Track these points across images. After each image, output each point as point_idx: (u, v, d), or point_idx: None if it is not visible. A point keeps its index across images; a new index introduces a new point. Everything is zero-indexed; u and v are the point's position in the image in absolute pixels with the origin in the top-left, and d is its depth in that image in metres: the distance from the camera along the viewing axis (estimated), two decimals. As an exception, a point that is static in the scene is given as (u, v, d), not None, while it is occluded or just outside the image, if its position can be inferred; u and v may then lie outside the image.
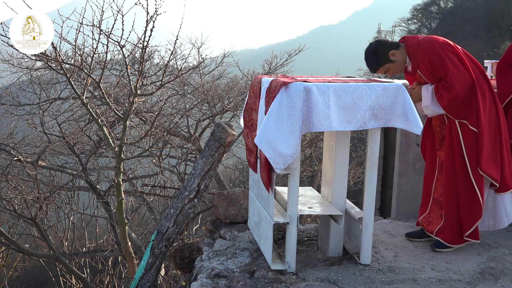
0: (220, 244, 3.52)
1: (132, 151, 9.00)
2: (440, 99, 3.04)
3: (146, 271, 3.80)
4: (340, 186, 3.19)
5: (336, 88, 2.66)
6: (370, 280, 2.81)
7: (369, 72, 27.99)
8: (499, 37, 22.37)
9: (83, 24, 5.42)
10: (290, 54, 11.08)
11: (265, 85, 2.92)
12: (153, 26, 5.32)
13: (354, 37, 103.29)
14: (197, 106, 9.55)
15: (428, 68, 3.06)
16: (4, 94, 8.92)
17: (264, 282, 2.80)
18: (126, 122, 5.58)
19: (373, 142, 2.90)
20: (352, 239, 3.24)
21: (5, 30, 4.96)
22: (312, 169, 10.19)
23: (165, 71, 6.90)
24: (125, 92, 8.46)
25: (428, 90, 3.11)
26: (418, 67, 3.12)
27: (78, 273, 8.53)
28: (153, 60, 10.16)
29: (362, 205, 3.00)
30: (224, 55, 11.15)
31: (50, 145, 8.38)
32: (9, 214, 7.75)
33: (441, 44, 3.04)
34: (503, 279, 2.82)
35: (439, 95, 3.04)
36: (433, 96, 3.07)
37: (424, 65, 3.08)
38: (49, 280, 10.94)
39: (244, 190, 3.97)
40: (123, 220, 5.95)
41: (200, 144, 9.28)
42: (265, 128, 2.65)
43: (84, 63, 5.77)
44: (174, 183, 8.69)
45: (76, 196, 9.53)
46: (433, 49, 3.04)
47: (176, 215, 3.82)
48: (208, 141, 3.91)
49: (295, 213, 2.83)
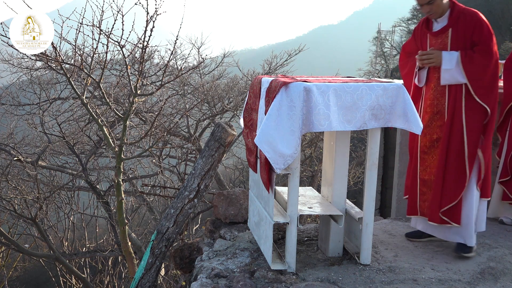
0: (220, 244, 3.52)
1: (132, 151, 9.00)
2: (470, 62, 2.98)
3: (146, 271, 3.80)
4: (340, 186, 3.19)
5: (336, 88, 2.66)
6: (370, 280, 2.81)
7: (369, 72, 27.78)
8: (499, 37, 22.40)
9: (83, 24, 5.42)
10: (290, 54, 11.07)
11: (265, 85, 2.92)
12: (153, 26, 5.32)
13: (354, 37, 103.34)
14: (197, 106, 9.55)
15: (467, 30, 3.01)
16: (4, 94, 8.92)
17: (264, 282, 2.80)
18: (126, 122, 5.58)
19: (373, 142, 2.90)
20: (352, 239, 3.24)
21: (5, 30, 4.96)
22: (312, 169, 10.18)
23: (165, 71, 6.90)
24: (125, 92, 8.45)
25: (451, 54, 3.05)
26: (453, 26, 3.06)
27: (78, 273, 8.53)
28: (153, 60, 10.16)
29: (362, 205, 3.00)
30: (224, 55, 11.15)
31: (50, 145, 8.38)
32: (9, 214, 7.75)
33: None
34: (503, 279, 2.82)
35: (469, 58, 2.98)
36: (458, 60, 3.02)
37: (464, 25, 3.02)
38: (49, 280, 10.94)
39: (244, 190, 3.97)
40: (123, 220, 5.95)
41: (200, 144, 9.28)
42: (265, 128, 2.65)
43: (84, 63, 5.77)
44: (174, 183, 8.69)
45: (76, 196, 9.53)
46: (480, 17, 3.04)
47: (176, 215, 3.82)
48: (208, 141, 3.91)
49: (295, 213, 2.83)
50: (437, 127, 3.17)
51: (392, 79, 3.71)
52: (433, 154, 3.19)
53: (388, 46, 31.37)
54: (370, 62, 30.63)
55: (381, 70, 29.60)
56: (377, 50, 30.97)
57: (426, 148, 3.23)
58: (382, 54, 31.25)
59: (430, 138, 3.22)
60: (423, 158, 3.25)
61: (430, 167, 3.21)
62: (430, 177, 3.22)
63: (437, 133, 3.17)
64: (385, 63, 30.90)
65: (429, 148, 3.21)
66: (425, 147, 3.24)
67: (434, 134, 3.18)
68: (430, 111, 3.21)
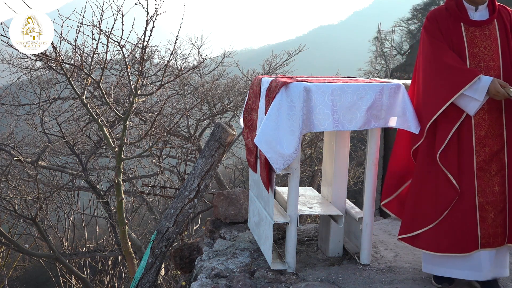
0: (220, 244, 3.52)
1: (132, 151, 8.99)
2: None
3: (146, 271, 3.80)
4: (340, 186, 3.19)
5: (336, 88, 2.66)
6: (370, 280, 2.81)
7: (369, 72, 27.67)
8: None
9: (83, 24, 5.42)
10: (290, 54, 11.06)
11: (265, 85, 2.92)
12: (153, 26, 5.32)
13: (354, 37, 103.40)
14: (197, 106, 9.54)
15: (508, 24, 2.59)
16: (4, 94, 8.91)
17: (264, 282, 2.80)
18: (126, 122, 5.58)
19: (373, 142, 2.90)
20: (352, 239, 3.25)
21: (5, 30, 4.96)
22: (312, 169, 10.18)
23: (165, 71, 6.90)
24: (125, 92, 8.45)
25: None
26: (497, 17, 2.59)
27: (78, 273, 8.53)
28: (153, 60, 10.15)
29: (362, 205, 3.00)
30: (224, 55, 11.14)
31: (50, 145, 8.37)
32: (9, 214, 7.74)
33: None
34: (503, 279, 2.81)
35: None
36: None
37: (504, 18, 2.60)
38: (49, 280, 10.93)
39: (244, 190, 3.97)
40: (123, 220, 5.94)
41: (200, 144, 9.27)
42: (265, 128, 2.65)
43: (84, 63, 5.77)
44: (174, 183, 8.69)
45: (76, 196, 9.52)
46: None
47: (176, 215, 3.82)
48: (208, 141, 3.91)
49: (295, 213, 2.83)
50: (497, 136, 2.59)
51: (392, 79, 3.68)
52: (492, 170, 2.58)
53: (388, 46, 31.34)
54: (370, 62, 30.62)
55: (381, 70, 29.57)
56: (377, 50, 30.94)
57: (485, 164, 2.57)
58: (382, 54, 31.23)
59: (490, 151, 2.58)
60: (480, 176, 2.57)
61: (491, 186, 2.57)
62: (495, 197, 2.57)
63: (497, 144, 2.58)
64: (385, 63, 30.87)
65: (487, 164, 2.57)
66: (483, 162, 2.57)
67: (495, 146, 2.58)
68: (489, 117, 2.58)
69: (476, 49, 2.56)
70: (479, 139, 2.56)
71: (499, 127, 2.57)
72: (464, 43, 2.57)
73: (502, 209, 2.57)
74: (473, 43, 2.57)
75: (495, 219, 2.56)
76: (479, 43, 2.56)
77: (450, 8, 2.61)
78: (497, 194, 2.57)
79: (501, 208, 2.57)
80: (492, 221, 2.56)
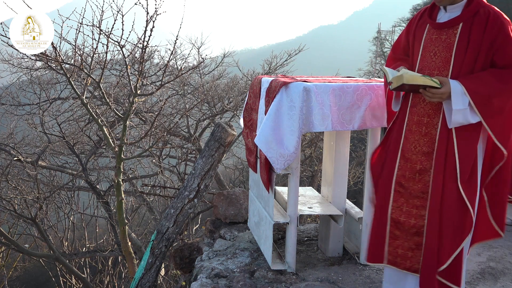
0: (220, 244, 3.52)
1: (132, 151, 8.99)
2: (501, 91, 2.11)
3: (146, 271, 3.80)
4: (340, 186, 3.19)
5: (336, 88, 2.67)
6: (370, 280, 2.81)
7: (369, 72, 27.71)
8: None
9: (83, 24, 5.42)
10: (290, 54, 11.07)
11: (265, 85, 2.92)
12: (153, 26, 5.32)
13: (354, 37, 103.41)
14: (197, 106, 9.54)
15: (487, 34, 2.16)
16: (4, 94, 8.91)
17: (264, 282, 2.80)
18: (126, 122, 5.57)
19: (373, 142, 2.90)
20: (352, 239, 3.25)
21: (5, 30, 4.96)
22: (312, 169, 10.18)
23: (165, 71, 6.90)
24: (125, 92, 8.45)
25: (459, 85, 2.15)
26: (466, 20, 2.20)
27: (78, 273, 8.53)
28: (153, 60, 10.15)
29: (362, 205, 3.00)
30: (224, 55, 11.14)
31: (50, 145, 8.37)
32: (9, 214, 7.74)
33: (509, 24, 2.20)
34: (503, 279, 2.82)
35: (505, 80, 2.12)
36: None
37: (481, 25, 2.17)
38: (49, 280, 10.93)
39: (244, 190, 3.97)
40: (123, 220, 5.94)
41: (200, 144, 9.27)
42: (265, 128, 2.65)
43: (84, 63, 5.77)
44: (174, 183, 8.68)
45: (76, 196, 9.53)
46: (507, 22, 2.19)
47: (176, 215, 3.82)
48: (208, 141, 3.91)
49: (295, 213, 2.84)
50: (422, 154, 2.33)
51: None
52: (412, 190, 2.36)
53: (388, 46, 31.33)
54: (370, 62, 30.61)
55: (381, 70, 29.59)
56: (377, 50, 30.94)
57: (405, 180, 2.38)
58: (382, 54, 31.23)
59: (412, 168, 2.36)
60: (399, 192, 2.39)
61: (408, 206, 2.37)
62: (409, 220, 2.37)
63: (422, 163, 2.33)
64: (385, 63, 30.89)
65: (407, 181, 2.37)
66: (403, 177, 2.38)
67: (418, 164, 2.34)
68: (417, 130, 2.35)
69: (427, 54, 2.30)
70: (403, 152, 2.38)
71: (427, 145, 2.30)
72: (420, 46, 2.34)
73: (415, 233, 2.36)
74: (427, 47, 2.31)
75: (406, 240, 2.38)
76: (431, 48, 2.28)
77: (426, 8, 2.40)
78: (412, 216, 2.36)
79: (414, 232, 2.36)
80: (403, 241, 2.39)
